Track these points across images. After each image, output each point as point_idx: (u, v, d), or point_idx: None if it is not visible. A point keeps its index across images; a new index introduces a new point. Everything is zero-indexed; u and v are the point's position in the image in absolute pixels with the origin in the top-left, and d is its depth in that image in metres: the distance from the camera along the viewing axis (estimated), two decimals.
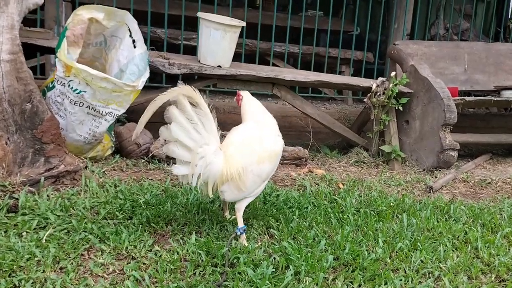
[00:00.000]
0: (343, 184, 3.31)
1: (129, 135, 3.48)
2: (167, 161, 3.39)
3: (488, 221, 2.69)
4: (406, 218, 2.61)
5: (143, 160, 3.34)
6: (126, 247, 2.06)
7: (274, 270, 1.91)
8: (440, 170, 3.97)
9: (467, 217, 2.78)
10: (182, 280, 1.82)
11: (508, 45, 5.01)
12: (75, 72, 2.74)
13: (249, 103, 2.42)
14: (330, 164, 4.00)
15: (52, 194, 2.54)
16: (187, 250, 2.05)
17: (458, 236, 2.47)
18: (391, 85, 4.00)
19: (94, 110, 2.88)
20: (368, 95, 4.07)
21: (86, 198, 2.53)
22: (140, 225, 2.27)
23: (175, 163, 3.37)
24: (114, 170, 3.11)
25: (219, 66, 3.78)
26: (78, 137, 2.94)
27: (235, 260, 2.00)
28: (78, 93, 2.80)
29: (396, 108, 4.10)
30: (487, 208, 3.00)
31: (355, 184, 3.31)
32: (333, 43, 5.75)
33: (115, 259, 1.98)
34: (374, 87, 4.02)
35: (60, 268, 1.86)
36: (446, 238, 2.39)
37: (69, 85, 2.79)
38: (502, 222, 2.70)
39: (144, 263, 1.95)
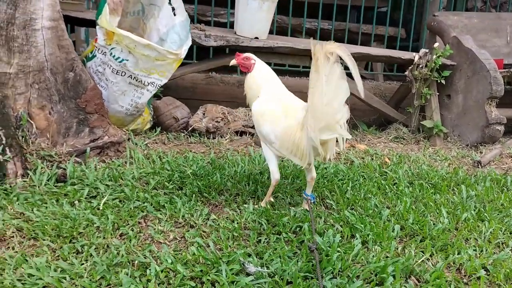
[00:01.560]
0: (389, 159, 3.19)
1: (167, 109, 3.42)
2: (207, 135, 3.31)
3: None
4: (465, 190, 2.49)
5: (183, 134, 3.26)
6: (183, 215, 1.98)
7: (340, 238, 1.82)
8: (484, 146, 3.83)
9: None
10: (247, 247, 1.74)
11: None
12: (118, 39, 2.65)
13: (263, 69, 2.18)
14: (369, 140, 3.88)
15: (98, 164, 2.48)
16: (245, 219, 1.97)
17: None
18: (434, 57, 3.84)
19: (136, 80, 2.79)
20: (410, 67, 3.92)
21: (133, 169, 2.46)
22: (193, 195, 2.19)
23: (214, 137, 3.31)
24: (156, 143, 3.03)
25: (256, 38, 3.66)
26: (120, 108, 2.86)
27: (297, 229, 1.91)
28: (120, 61, 2.71)
29: (438, 81, 3.95)
30: None
31: (401, 159, 3.19)
32: (361, 20, 5.57)
33: (174, 226, 1.90)
34: (416, 59, 3.87)
35: (120, 235, 1.80)
36: None
37: (111, 54, 2.71)
38: None
39: (204, 231, 1.87)
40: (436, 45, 3.91)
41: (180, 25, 2.94)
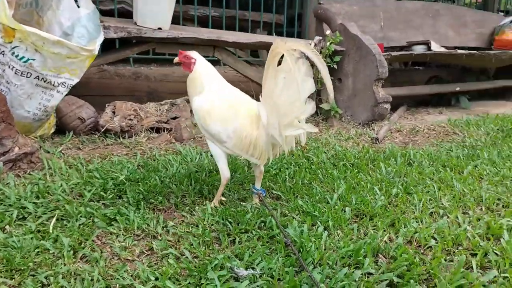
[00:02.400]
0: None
1: (70, 110, 3.12)
2: (121, 135, 3.11)
3: (447, 162, 2.96)
4: (384, 167, 2.75)
5: (97, 136, 3.01)
6: (138, 226, 1.86)
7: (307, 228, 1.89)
8: (374, 123, 4.23)
9: (427, 160, 3.02)
10: (223, 251, 1.71)
11: (415, 3, 5.41)
12: (21, 36, 2.32)
13: (204, 67, 2.06)
14: None
15: (15, 180, 2.18)
16: (207, 221, 1.93)
17: (432, 178, 2.68)
18: (327, 43, 4.10)
19: (45, 81, 2.49)
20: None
21: (59, 181, 2.22)
22: (140, 203, 2.06)
23: (131, 136, 3.13)
24: (69, 148, 2.76)
25: (160, 28, 3.51)
26: (27, 114, 2.53)
27: (261, 224, 1.93)
28: (25, 61, 2.39)
29: (331, 66, 4.23)
30: (436, 150, 3.28)
31: (314, 142, 3.38)
32: (242, 7, 5.67)
33: (134, 240, 1.78)
34: (312, 46, 4.08)
35: (81, 258, 1.62)
36: (428, 181, 2.57)
37: (12, 53, 2.36)
38: (459, 162, 2.97)
39: (169, 240, 1.78)
40: (328, 32, 4.18)
41: (86, 18, 2.68)
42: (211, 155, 2.82)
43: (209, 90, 2.02)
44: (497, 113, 5.12)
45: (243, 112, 1.98)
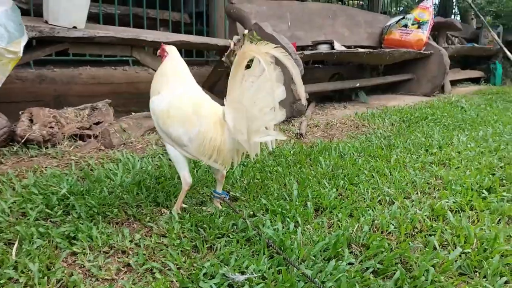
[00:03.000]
0: None
1: None
2: (44, 145, 2.82)
3: (372, 153, 3.18)
4: (323, 161, 2.87)
5: (15, 147, 2.69)
6: (104, 243, 1.72)
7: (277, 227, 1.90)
8: (294, 119, 4.39)
9: (354, 152, 3.21)
10: (206, 258, 1.65)
11: (317, 4, 5.70)
12: None
13: (172, 64, 2.00)
14: None
15: None
16: (178, 229, 1.84)
17: (366, 168, 2.85)
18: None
19: None
20: (226, 53, 4.13)
21: None
22: (96, 217, 1.90)
23: (54, 145, 2.86)
24: None
25: (75, 27, 3.25)
26: None
27: (234, 227, 1.90)
28: None
29: (250, 66, 4.28)
30: (360, 142, 3.51)
31: None
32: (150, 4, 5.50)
33: (105, 257, 1.64)
34: (232, 45, 4.10)
35: (55, 284, 1.45)
36: (365, 171, 2.74)
37: None
38: (383, 152, 3.21)
39: (144, 254, 1.67)
40: (245, 31, 4.22)
41: (4, 16, 2.37)
42: (154, 159, 2.71)
43: (171, 89, 1.93)
44: (393, 105, 5.63)
45: (207, 115, 1.92)
